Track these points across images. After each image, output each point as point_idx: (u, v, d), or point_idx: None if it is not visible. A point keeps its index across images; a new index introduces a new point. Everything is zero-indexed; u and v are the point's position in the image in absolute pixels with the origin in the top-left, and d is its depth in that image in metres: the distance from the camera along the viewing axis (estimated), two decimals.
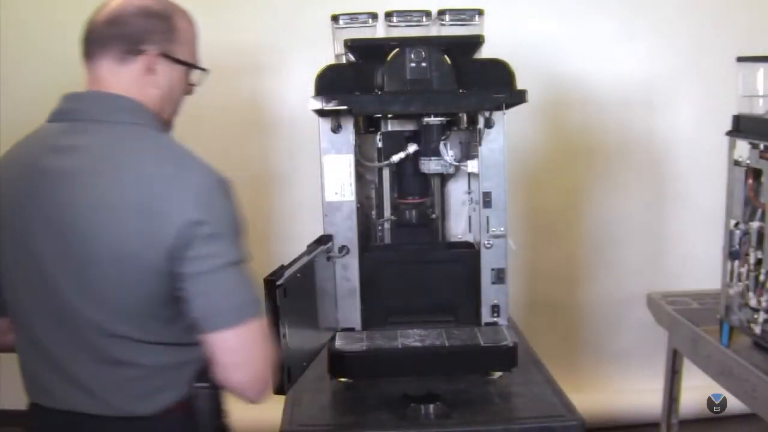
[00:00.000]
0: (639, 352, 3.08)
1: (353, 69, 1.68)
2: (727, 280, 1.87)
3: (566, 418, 1.49)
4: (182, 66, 1.32)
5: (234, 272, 1.19)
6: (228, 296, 1.18)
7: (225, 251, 1.18)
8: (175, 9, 1.33)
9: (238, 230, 1.22)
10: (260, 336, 1.22)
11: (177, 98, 1.35)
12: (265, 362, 1.24)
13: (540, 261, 3.06)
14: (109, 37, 1.27)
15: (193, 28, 1.36)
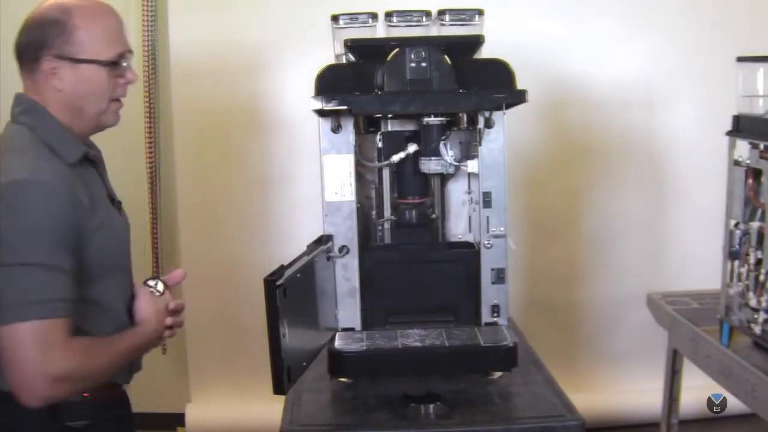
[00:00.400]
0: (639, 352, 3.08)
1: (353, 69, 1.68)
2: (727, 280, 1.87)
3: (566, 418, 1.49)
4: (88, 63, 1.35)
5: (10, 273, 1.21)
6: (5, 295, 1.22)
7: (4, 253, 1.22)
8: (74, 10, 1.35)
9: (21, 233, 1.23)
10: (29, 341, 1.21)
11: (95, 94, 1.38)
12: (35, 369, 1.22)
13: (540, 261, 3.06)
14: (18, 52, 1.39)
15: (97, 23, 1.36)
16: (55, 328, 1.24)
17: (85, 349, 1.29)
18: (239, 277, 2.75)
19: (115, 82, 1.39)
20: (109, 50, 1.37)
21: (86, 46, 1.35)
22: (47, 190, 1.26)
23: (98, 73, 1.37)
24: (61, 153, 1.34)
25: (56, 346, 1.24)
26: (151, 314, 1.45)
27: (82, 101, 1.38)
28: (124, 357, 1.39)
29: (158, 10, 2.89)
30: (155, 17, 2.89)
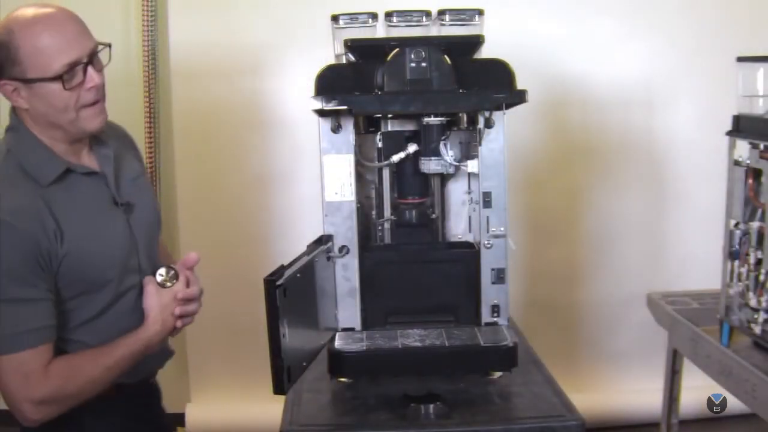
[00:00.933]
0: (639, 352, 3.08)
1: (353, 69, 1.68)
2: (727, 280, 1.87)
3: (566, 418, 1.49)
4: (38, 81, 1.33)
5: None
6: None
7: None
8: (15, 28, 1.33)
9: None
10: (9, 371, 1.31)
11: (57, 108, 1.36)
12: (18, 396, 1.32)
13: (540, 261, 3.06)
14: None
15: (37, 39, 1.33)
16: (30, 357, 1.31)
17: (65, 370, 1.35)
18: (239, 276, 2.75)
19: (76, 91, 1.36)
20: (53, 63, 1.33)
21: (31, 64, 1.32)
22: (7, 230, 1.29)
23: (51, 88, 1.34)
24: (34, 175, 1.36)
25: (34, 374, 1.31)
26: (156, 313, 1.46)
27: (48, 116, 1.38)
28: (120, 364, 1.42)
29: (158, 10, 2.89)
30: (155, 17, 2.89)
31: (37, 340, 1.32)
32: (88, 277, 1.41)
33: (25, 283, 1.31)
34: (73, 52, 1.34)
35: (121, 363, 1.42)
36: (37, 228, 1.32)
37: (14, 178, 1.36)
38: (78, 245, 1.38)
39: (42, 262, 1.33)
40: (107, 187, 1.48)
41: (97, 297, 1.43)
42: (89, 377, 1.38)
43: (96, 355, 1.40)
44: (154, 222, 1.60)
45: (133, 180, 1.55)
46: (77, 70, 1.35)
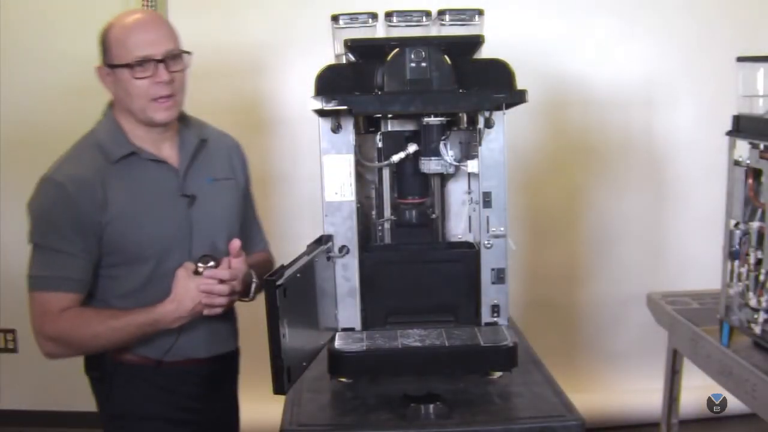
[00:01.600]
0: (639, 352, 3.08)
1: (353, 69, 1.68)
2: (727, 280, 1.87)
3: (566, 418, 1.49)
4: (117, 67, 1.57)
5: (32, 252, 1.58)
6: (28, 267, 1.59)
7: (28, 231, 1.58)
8: (114, 24, 1.59)
9: (32, 219, 1.57)
10: (34, 307, 1.57)
11: (130, 94, 1.58)
12: (35, 329, 1.57)
13: (540, 261, 3.06)
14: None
15: (125, 33, 1.57)
16: (51, 299, 1.55)
17: (76, 318, 1.55)
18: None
19: (146, 82, 1.56)
20: (129, 54, 1.55)
21: (115, 53, 1.57)
22: (56, 189, 1.54)
23: (125, 75, 1.56)
24: (105, 151, 1.60)
25: (50, 313, 1.54)
26: (175, 294, 1.56)
27: (125, 101, 1.60)
28: (126, 329, 1.56)
29: (158, 10, 2.89)
30: None
31: (60, 287, 1.55)
32: (127, 249, 1.59)
33: (63, 238, 1.54)
34: (149, 48, 1.56)
35: (128, 329, 1.56)
36: (84, 196, 1.55)
37: (85, 151, 1.61)
38: (121, 219, 1.57)
39: (82, 224, 1.55)
40: (176, 177, 1.65)
41: (137, 270, 1.60)
42: (94, 332, 1.56)
43: (107, 315, 1.57)
44: (225, 221, 1.72)
45: (215, 180, 1.71)
46: (149, 65, 1.56)
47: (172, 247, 1.62)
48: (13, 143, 2.99)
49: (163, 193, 1.63)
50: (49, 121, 2.94)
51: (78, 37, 3.02)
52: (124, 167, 1.60)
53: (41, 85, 2.96)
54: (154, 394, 1.66)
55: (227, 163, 1.77)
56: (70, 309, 1.55)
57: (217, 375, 1.77)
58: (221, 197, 1.72)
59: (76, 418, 2.95)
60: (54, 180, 1.55)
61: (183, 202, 1.64)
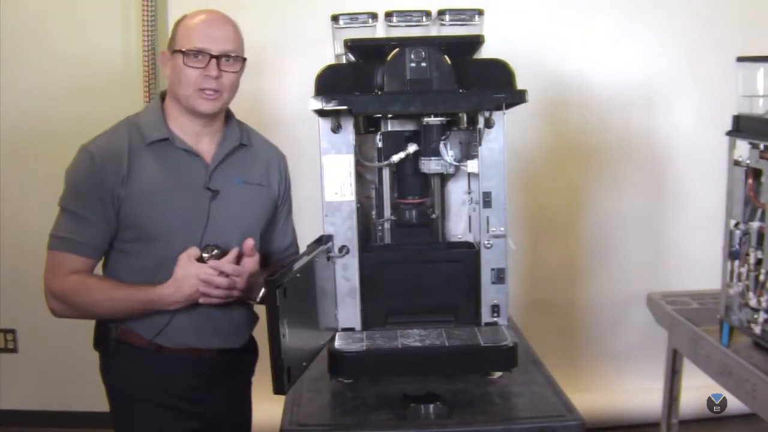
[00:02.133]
0: (639, 352, 3.08)
1: (353, 69, 1.68)
2: (727, 280, 1.87)
3: (566, 418, 1.49)
4: (175, 53, 1.67)
5: (59, 212, 1.66)
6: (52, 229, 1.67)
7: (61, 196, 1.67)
8: (187, 16, 1.70)
9: (65, 183, 1.67)
10: (48, 264, 1.65)
11: (180, 80, 1.66)
12: (45, 285, 1.65)
13: (540, 261, 3.06)
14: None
15: (192, 24, 1.68)
16: (62, 259, 1.64)
17: (80, 282, 1.63)
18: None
19: (196, 72, 1.64)
20: (189, 43, 1.64)
21: (178, 39, 1.67)
22: (86, 158, 1.64)
23: (179, 61, 1.65)
24: (142, 132, 1.69)
25: (58, 272, 1.63)
26: (173, 279, 1.61)
27: (175, 86, 1.68)
28: (124, 303, 1.63)
29: (158, 10, 2.90)
30: (155, 17, 2.89)
31: (72, 249, 1.64)
32: (140, 225, 1.66)
33: (84, 204, 1.63)
34: (207, 43, 1.65)
35: (126, 303, 1.63)
36: (109, 168, 1.63)
37: (121, 129, 1.70)
38: (138, 195, 1.64)
39: (103, 195, 1.63)
40: (205, 171, 1.71)
41: (147, 248, 1.67)
42: (94, 299, 1.64)
43: (109, 286, 1.66)
44: (245, 222, 1.75)
45: (245, 183, 1.76)
46: (204, 58, 1.64)
47: (183, 232, 1.66)
48: (14, 143, 2.99)
49: (188, 182, 1.69)
50: (49, 121, 2.94)
51: (78, 38, 3.04)
52: (156, 150, 1.68)
53: (41, 85, 2.96)
54: (152, 377, 1.70)
55: (264, 170, 1.82)
56: (79, 273, 1.63)
57: (220, 370, 1.77)
58: (247, 199, 1.76)
59: (76, 418, 2.94)
60: (87, 150, 1.65)
61: (206, 195, 1.69)
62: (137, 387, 1.71)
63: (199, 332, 1.71)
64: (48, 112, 2.97)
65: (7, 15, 2.91)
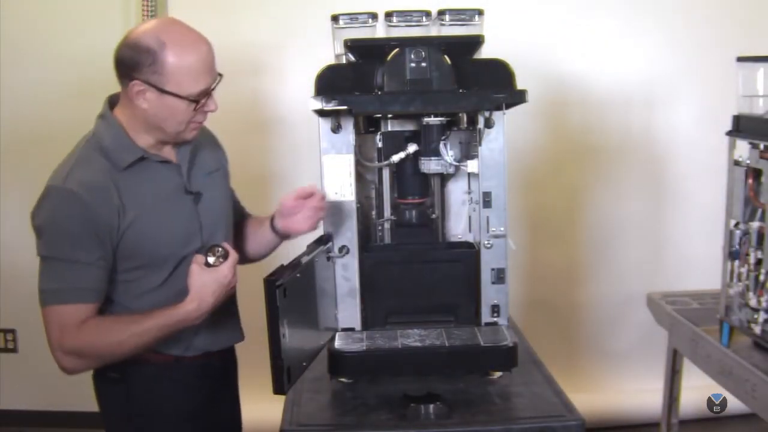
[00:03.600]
0: (639, 352, 3.08)
1: (353, 69, 1.68)
2: (727, 280, 1.87)
3: (566, 418, 1.49)
4: (173, 96, 1.49)
5: (43, 265, 1.50)
6: (38, 281, 1.50)
7: (37, 244, 1.50)
8: (168, 42, 1.47)
9: (42, 231, 1.49)
10: (51, 322, 1.49)
11: (175, 120, 1.53)
12: (54, 345, 1.49)
13: (540, 261, 3.06)
14: (114, 62, 1.52)
15: (187, 59, 1.48)
16: (69, 312, 1.48)
17: (96, 329, 1.50)
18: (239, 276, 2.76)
19: (196, 110, 1.52)
20: (193, 86, 1.49)
21: (173, 80, 1.47)
22: (69, 198, 1.47)
23: (181, 105, 1.50)
24: (113, 159, 1.53)
25: (69, 327, 1.47)
26: (194, 292, 1.50)
27: (162, 122, 1.53)
28: (150, 333, 1.51)
29: (158, 10, 2.89)
30: (155, 17, 2.89)
31: (77, 298, 1.49)
32: (146, 251, 1.56)
33: (79, 247, 1.48)
34: (208, 79, 1.51)
35: (151, 333, 1.51)
36: (101, 202, 1.49)
37: (91, 158, 1.53)
38: (139, 223, 1.53)
39: (100, 233, 1.49)
40: (180, 176, 1.62)
41: (157, 271, 1.58)
42: (117, 340, 1.50)
43: (128, 322, 1.52)
44: (224, 211, 1.71)
45: (209, 174, 1.68)
46: (203, 98, 1.52)
47: (186, 245, 1.60)
48: (14, 143, 2.99)
49: (172, 193, 1.61)
50: (48, 122, 2.93)
51: (78, 38, 3.04)
52: (133, 172, 1.56)
53: (41, 85, 2.96)
54: (173, 390, 1.64)
55: (213, 154, 1.74)
56: (89, 320, 1.50)
57: (226, 368, 1.78)
58: (217, 189, 1.71)
59: (76, 418, 2.94)
60: (66, 189, 1.48)
61: (189, 200, 1.63)
62: (158, 404, 1.63)
63: (218, 335, 1.68)
64: (48, 112, 2.97)
65: (7, 15, 2.91)
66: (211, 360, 1.69)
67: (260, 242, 1.81)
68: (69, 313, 1.48)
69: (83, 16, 2.93)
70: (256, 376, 1.91)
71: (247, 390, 1.94)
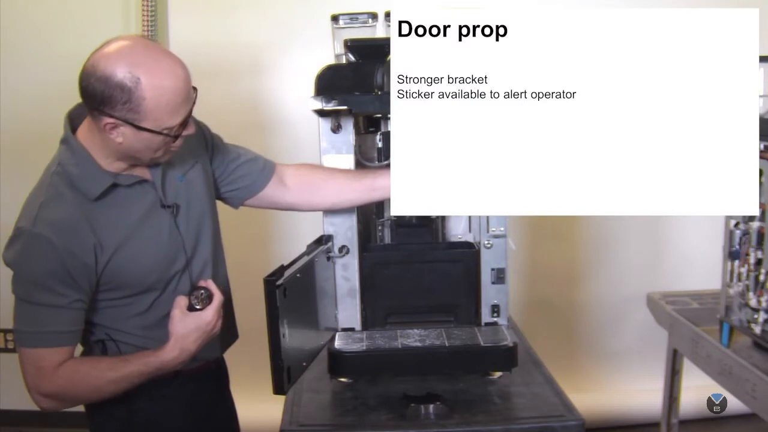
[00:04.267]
0: (639, 352, 3.08)
1: (353, 69, 1.68)
2: (727, 280, 1.87)
3: (566, 418, 1.49)
4: (149, 132, 1.38)
5: (17, 304, 1.42)
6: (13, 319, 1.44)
7: (11, 280, 1.42)
8: (143, 77, 1.34)
9: (14, 271, 1.41)
10: (27, 363, 1.44)
11: (152, 150, 1.42)
12: (31, 386, 1.45)
13: (540, 261, 3.06)
14: (81, 91, 1.38)
15: (164, 96, 1.36)
16: (45, 355, 1.42)
17: (72, 374, 1.44)
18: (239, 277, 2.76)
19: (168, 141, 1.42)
20: (172, 120, 1.39)
21: (151, 117, 1.36)
22: (40, 243, 1.38)
23: (158, 138, 1.40)
24: (82, 189, 1.43)
25: (45, 370, 1.42)
26: (175, 340, 1.45)
27: (137, 153, 1.43)
28: (128, 380, 1.45)
29: (158, 10, 2.89)
30: (155, 17, 2.89)
31: (53, 342, 1.42)
32: (130, 282, 1.48)
33: (52, 292, 1.40)
34: (185, 110, 1.41)
35: (129, 379, 1.45)
36: (74, 243, 1.39)
37: (61, 192, 1.42)
38: (118, 257, 1.45)
39: (75, 273, 1.40)
40: (154, 189, 1.51)
41: (144, 296, 1.50)
42: (93, 386, 1.45)
43: (104, 368, 1.45)
44: (205, 214, 1.60)
45: (184, 174, 1.57)
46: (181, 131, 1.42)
47: (171, 265, 1.53)
48: (13, 143, 2.99)
49: (149, 213, 1.51)
50: (48, 122, 2.92)
51: (78, 38, 3.03)
52: (107, 202, 1.46)
53: (41, 85, 2.96)
54: (177, 407, 1.58)
55: (186, 146, 1.57)
56: (66, 363, 1.43)
57: (222, 371, 1.75)
58: (195, 190, 1.59)
59: (76, 418, 2.94)
60: (36, 234, 1.38)
61: (167, 214, 1.52)
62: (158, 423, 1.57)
63: (218, 342, 1.63)
64: (48, 112, 2.96)
65: (7, 15, 2.91)
66: (209, 368, 1.66)
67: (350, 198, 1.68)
68: (44, 356, 1.42)
69: (83, 16, 2.93)
70: (256, 376, 1.91)
71: (247, 390, 1.94)
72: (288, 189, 1.68)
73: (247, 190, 1.68)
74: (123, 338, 1.51)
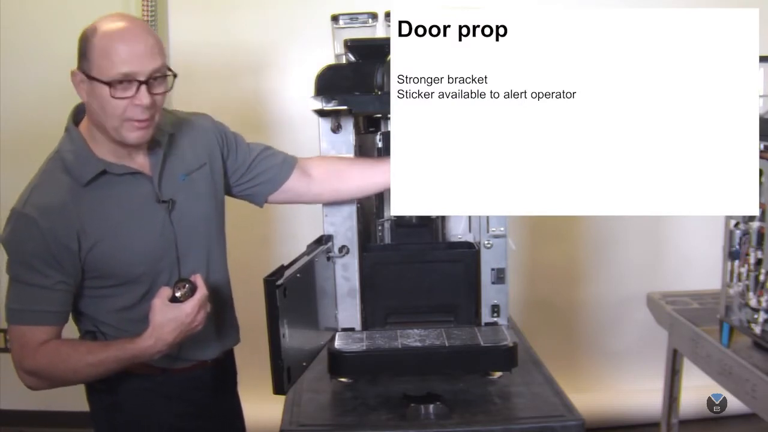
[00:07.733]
0: (639, 352, 3.08)
1: (353, 69, 1.68)
2: (727, 280, 1.87)
3: (566, 418, 1.49)
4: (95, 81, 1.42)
5: (9, 283, 1.48)
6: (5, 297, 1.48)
7: (6, 265, 1.48)
8: (99, 30, 1.43)
9: (6, 252, 1.47)
10: (14, 339, 1.50)
11: (104, 111, 1.44)
12: (15, 362, 1.50)
13: (540, 261, 3.06)
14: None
15: (110, 44, 1.42)
16: (29, 332, 1.47)
17: (53, 354, 1.47)
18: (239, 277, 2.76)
19: (124, 102, 1.42)
20: (110, 70, 1.40)
21: (95, 64, 1.42)
22: (27, 223, 1.44)
23: (103, 91, 1.42)
24: (74, 174, 1.48)
25: (28, 347, 1.47)
26: (152, 329, 1.45)
27: (98, 115, 1.46)
28: (104, 365, 1.47)
29: (158, 10, 2.89)
30: (155, 17, 2.89)
31: (36, 320, 1.47)
32: (116, 271, 1.51)
33: (37, 272, 1.45)
34: (132, 66, 1.41)
35: (106, 364, 1.48)
36: (58, 226, 1.44)
37: (53, 176, 1.48)
38: (103, 244, 1.48)
39: (58, 255, 1.45)
40: (150, 184, 1.54)
41: (132, 288, 1.53)
42: (72, 367, 1.48)
43: (84, 351, 1.49)
44: (204, 215, 1.61)
45: (188, 175, 1.59)
46: (131, 84, 1.42)
47: (160, 260, 1.54)
48: (13, 143, 2.99)
49: (141, 205, 1.53)
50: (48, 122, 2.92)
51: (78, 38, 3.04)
52: (97, 187, 1.49)
53: (41, 85, 2.96)
54: (163, 403, 1.60)
55: (199, 147, 1.64)
56: (49, 343, 1.48)
57: (224, 372, 1.73)
58: (197, 191, 1.61)
59: (76, 418, 2.94)
60: (24, 214, 1.44)
61: (162, 209, 1.54)
62: (146, 416, 1.60)
63: (213, 342, 1.64)
64: (48, 112, 2.96)
65: (7, 15, 2.91)
66: (205, 368, 1.65)
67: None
68: (29, 333, 1.47)
69: (83, 16, 2.92)
70: (256, 376, 1.91)
71: (247, 390, 1.94)
72: (313, 179, 1.69)
73: (270, 184, 1.69)
74: (112, 332, 1.53)
